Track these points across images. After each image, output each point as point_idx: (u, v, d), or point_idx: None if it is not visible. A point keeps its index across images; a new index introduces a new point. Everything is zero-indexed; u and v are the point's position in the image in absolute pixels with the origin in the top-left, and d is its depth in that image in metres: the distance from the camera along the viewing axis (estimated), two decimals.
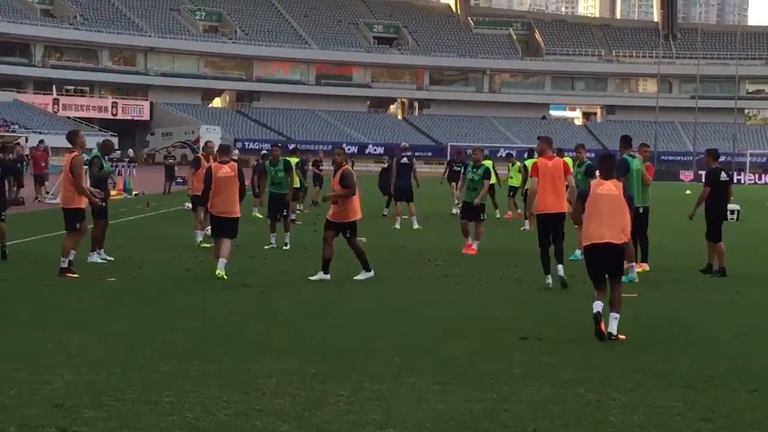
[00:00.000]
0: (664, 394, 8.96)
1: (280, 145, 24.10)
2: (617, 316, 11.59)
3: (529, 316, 13.15)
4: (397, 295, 14.84)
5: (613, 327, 11.48)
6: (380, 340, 11.18)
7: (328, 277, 16.28)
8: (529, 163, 31.01)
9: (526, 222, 28.17)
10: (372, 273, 16.58)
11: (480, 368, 9.79)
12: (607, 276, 11.86)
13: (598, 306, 11.53)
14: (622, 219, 11.89)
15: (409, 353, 10.45)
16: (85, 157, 18.19)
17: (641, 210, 17.85)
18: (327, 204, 17.57)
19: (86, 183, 17.35)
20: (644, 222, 18.20)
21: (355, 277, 16.37)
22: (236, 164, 17.19)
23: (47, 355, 10.00)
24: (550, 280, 15.95)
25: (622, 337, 11.44)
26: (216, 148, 19.49)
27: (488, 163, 23.24)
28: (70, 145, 16.97)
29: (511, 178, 32.86)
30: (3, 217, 18.65)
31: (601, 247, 11.74)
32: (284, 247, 21.18)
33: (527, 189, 30.70)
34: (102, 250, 18.37)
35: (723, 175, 18.76)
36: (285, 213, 21.97)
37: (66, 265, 16.35)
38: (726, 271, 18.15)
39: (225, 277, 16.06)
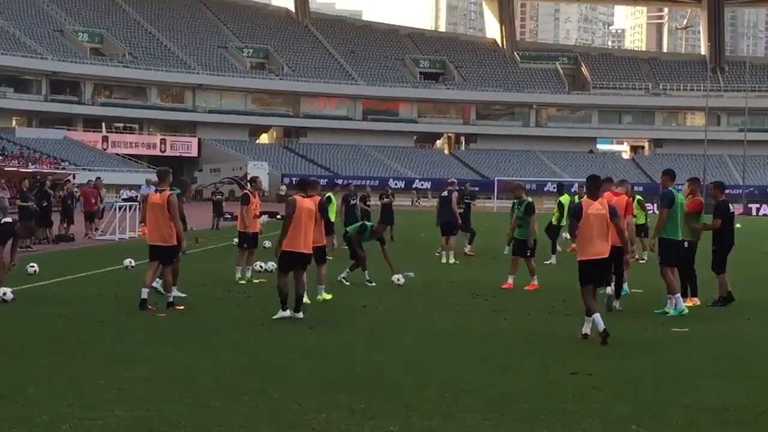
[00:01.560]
0: (718, 429, 8.86)
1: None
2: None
3: (578, 351, 13.07)
4: (447, 330, 14.80)
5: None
6: (430, 375, 11.15)
7: (287, 313, 15.61)
8: (563, 199, 31.11)
9: (553, 257, 28.97)
10: (301, 315, 15.64)
11: (531, 404, 9.74)
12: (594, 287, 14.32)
13: (598, 320, 13.69)
14: (608, 234, 14.20)
15: (459, 388, 10.41)
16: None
17: (686, 244, 17.77)
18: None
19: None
20: (691, 257, 18.10)
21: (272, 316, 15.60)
22: (319, 198, 17.44)
23: (98, 390, 10.05)
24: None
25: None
26: (262, 184, 19.77)
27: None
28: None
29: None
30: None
31: (597, 262, 14.06)
32: (371, 284, 20.83)
33: (552, 224, 30.86)
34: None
35: (730, 207, 19.24)
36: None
37: (171, 300, 16.91)
38: (725, 300, 18.23)
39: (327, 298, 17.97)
